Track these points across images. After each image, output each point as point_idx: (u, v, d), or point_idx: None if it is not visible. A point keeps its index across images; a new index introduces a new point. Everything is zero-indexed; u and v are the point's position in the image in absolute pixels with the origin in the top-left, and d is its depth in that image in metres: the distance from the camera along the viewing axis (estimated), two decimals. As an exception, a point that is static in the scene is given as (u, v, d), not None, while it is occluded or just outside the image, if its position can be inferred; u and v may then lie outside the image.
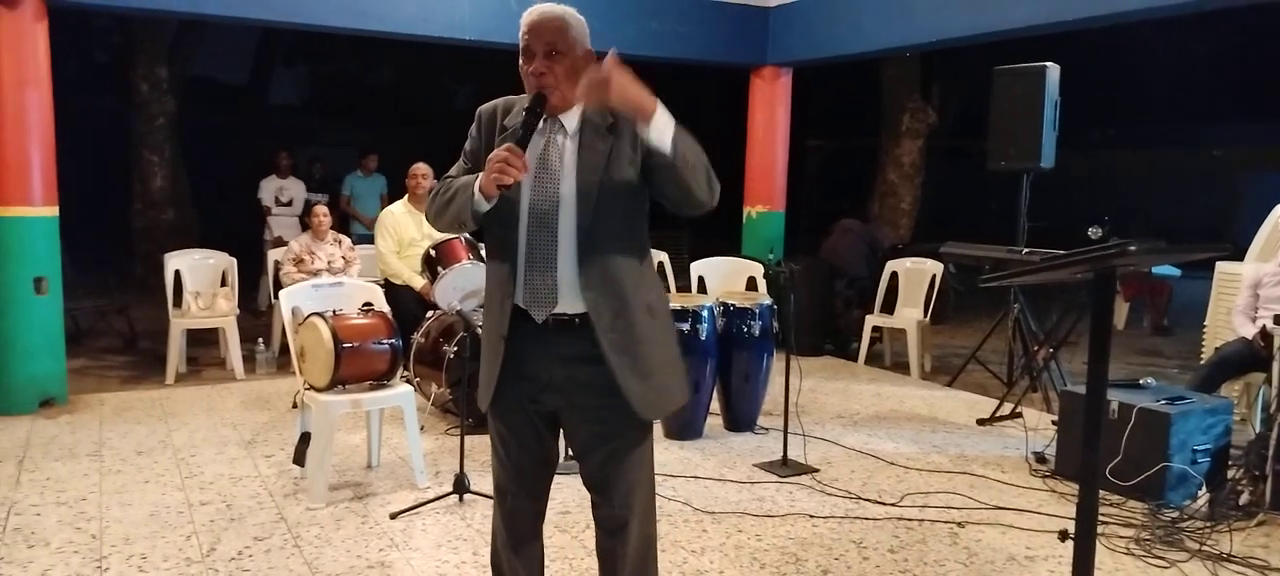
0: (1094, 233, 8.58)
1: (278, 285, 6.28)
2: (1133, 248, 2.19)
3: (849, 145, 14.26)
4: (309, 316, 3.90)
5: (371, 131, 17.93)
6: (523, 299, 2.20)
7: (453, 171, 2.30)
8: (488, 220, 2.20)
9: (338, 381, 3.84)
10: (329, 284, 4.32)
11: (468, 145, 2.30)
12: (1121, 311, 9.15)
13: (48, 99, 5.05)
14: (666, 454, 4.64)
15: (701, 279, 6.52)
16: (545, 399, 2.27)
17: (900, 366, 6.92)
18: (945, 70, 10.68)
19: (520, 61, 2.20)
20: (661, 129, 2.07)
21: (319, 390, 3.86)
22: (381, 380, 4.03)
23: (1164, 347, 8.13)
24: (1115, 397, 4.12)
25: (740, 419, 5.06)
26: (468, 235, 5.48)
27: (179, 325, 6.08)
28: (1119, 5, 4.96)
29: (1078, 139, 17.67)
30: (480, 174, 2.13)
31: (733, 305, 4.99)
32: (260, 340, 6.37)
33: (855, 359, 7.12)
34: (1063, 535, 2.61)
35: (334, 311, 3.91)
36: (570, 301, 2.19)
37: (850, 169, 13.90)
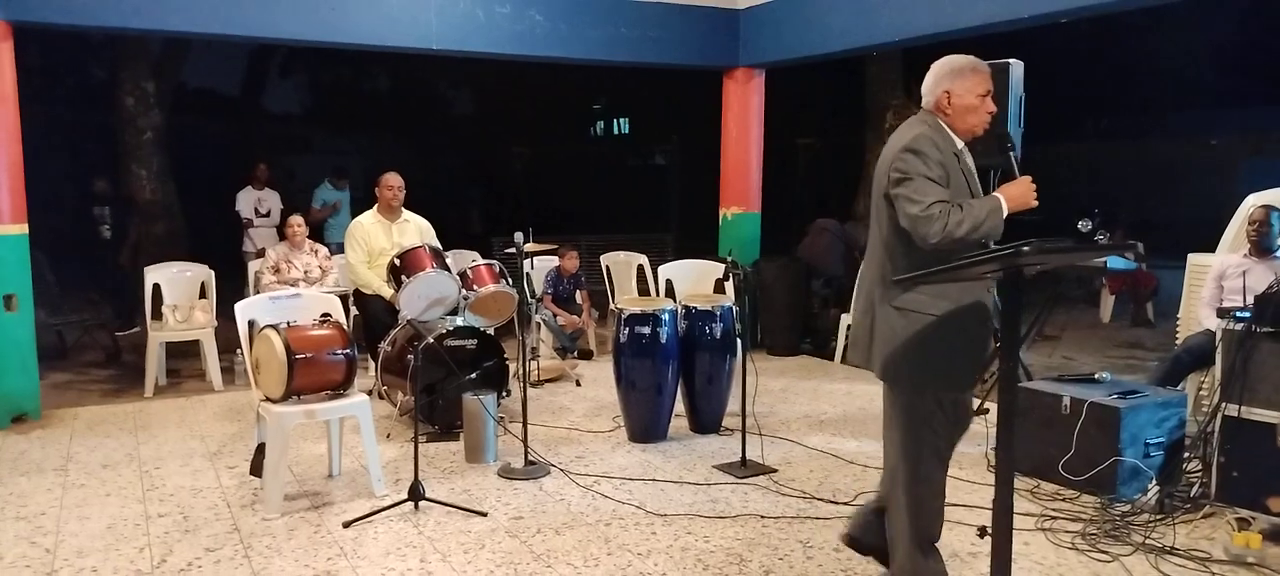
0: (1084, 225, 8.59)
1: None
2: (1027, 248, 2.21)
3: (839, 144, 14.27)
4: (263, 328, 3.94)
5: (369, 140, 18.07)
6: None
7: (941, 196, 2.64)
8: None
9: (293, 392, 3.88)
10: (286, 296, 4.37)
11: (937, 172, 2.69)
12: (1106, 305, 9.15)
13: (14, 117, 5.11)
14: (628, 457, 4.68)
15: (669, 282, 6.56)
16: None
17: (877, 364, 6.92)
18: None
19: (979, 98, 2.79)
20: None
21: (274, 401, 3.90)
22: (338, 390, 4.07)
23: (1146, 339, 8.12)
24: (1067, 392, 4.14)
25: (705, 421, 5.09)
26: (433, 243, 5.54)
27: (156, 338, 6.14)
28: (1075, 1, 4.97)
29: (1074, 131, 17.68)
30: (997, 196, 2.66)
31: (695, 308, 5.01)
32: (238, 351, 6.41)
33: (833, 357, 7.13)
34: (981, 531, 2.64)
35: (288, 323, 3.96)
36: None
37: (839, 167, 13.90)
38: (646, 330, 4.83)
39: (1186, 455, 4.15)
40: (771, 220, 7.92)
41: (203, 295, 6.54)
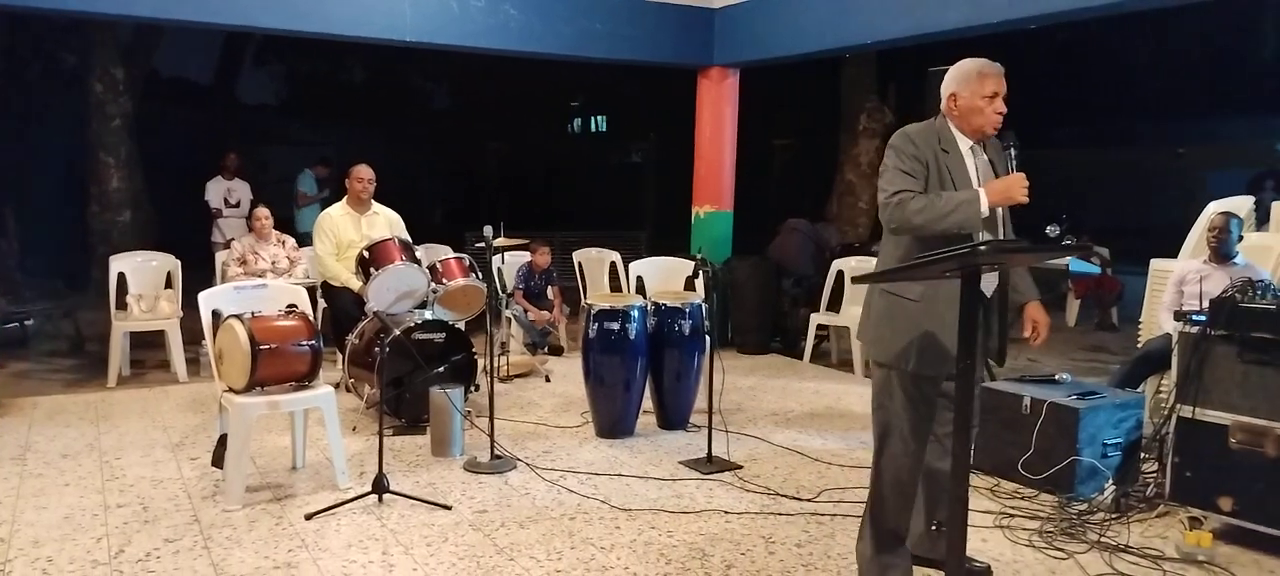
0: (1052, 231, 8.69)
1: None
2: (983, 246, 2.24)
3: (814, 145, 14.37)
4: (227, 318, 3.91)
5: (344, 132, 17.92)
6: (986, 284, 2.83)
7: (906, 185, 2.83)
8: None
9: (256, 383, 3.85)
10: (251, 286, 4.33)
11: (908, 165, 2.87)
12: (1072, 309, 9.27)
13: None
14: (595, 452, 4.68)
15: (640, 279, 6.58)
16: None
17: (846, 364, 6.99)
18: (902, 70, 10.78)
19: (985, 99, 2.87)
20: None
21: (237, 392, 3.87)
22: (303, 382, 4.05)
23: (1110, 343, 8.24)
24: (1028, 393, 4.20)
25: (673, 417, 5.10)
26: (403, 236, 5.52)
27: (120, 327, 6.06)
28: (1047, 7, 5.04)
29: (1045, 137, 17.89)
30: (977, 190, 2.78)
31: (664, 305, 5.03)
32: (204, 342, 6.35)
33: (803, 357, 7.18)
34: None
35: (252, 313, 3.93)
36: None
37: (815, 168, 14.01)
38: (615, 326, 4.84)
39: (1143, 455, 4.23)
40: (744, 219, 7.97)
41: (169, 285, 6.47)
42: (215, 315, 4.05)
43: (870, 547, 3.06)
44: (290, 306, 4.17)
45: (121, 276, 6.31)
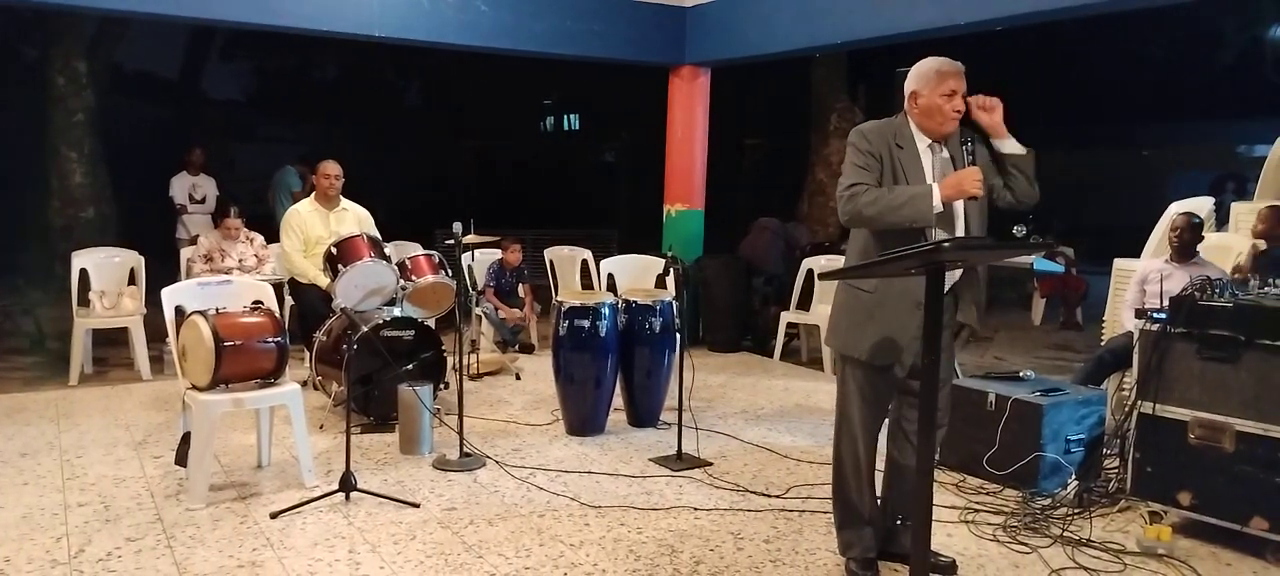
0: (1018, 231, 8.83)
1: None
2: (946, 243, 2.27)
3: (785, 144, 14.44)
4: (190, 314, 3.86)
5: (315, 129, 17.74)
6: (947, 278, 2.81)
7: (860, 179, 2.89)
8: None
9: (220, 380, 3.80)
10: (216, 282, 4.28)
11: (862, 160, 2.93)
12: (1038, 308, 9.40)
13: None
14: (565, 449, 4.68)
15: (611, 276, 6.57)
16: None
17: (815, 362, 7.03)
18: (873, 70, 10.87)
19: (944, 97, 2.90)
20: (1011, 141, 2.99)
21: (201, 389, 3.82)
22: (269, 379, 4.00)
23: (1075, 342, 8.36)
24: (993, 389, 4.25)
25: (643, 415, 5.10)
26: (371, 233, 5.47)
27: (82, 325, 5.96)
28: (1014, 8, 5.10)
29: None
30: (930, 184, 2.84)
31: (635, 302, 5.03)
32: (169, 339, 6.25)
33: (773, 355, 7.21)
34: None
35: (217, 309, 3.88)
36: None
37: (785, 167, 14.07)
38: (586, 323, 4.84)
39: (1105, 451, 4.29)
40: (715, 218, 7.99)
41: (132, 282, 6.37)
42: (179, 311, 4.00)
43: (835, 519, 3.25)
44: (256, 303, 4.12)
45: (84, 272, 6.20)
